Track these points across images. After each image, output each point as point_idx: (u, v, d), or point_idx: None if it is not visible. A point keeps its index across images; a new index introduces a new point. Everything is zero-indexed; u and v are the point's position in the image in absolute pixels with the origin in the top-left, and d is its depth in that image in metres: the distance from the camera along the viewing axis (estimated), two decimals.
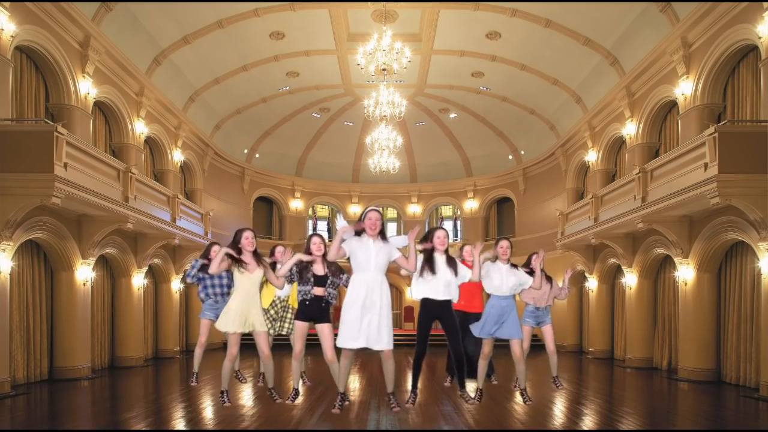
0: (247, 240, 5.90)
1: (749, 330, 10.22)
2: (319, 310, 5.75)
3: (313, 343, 5.88)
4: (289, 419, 7.07)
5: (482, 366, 6.52)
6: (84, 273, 11.62)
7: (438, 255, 5.64)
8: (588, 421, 7.26)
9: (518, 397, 7.37)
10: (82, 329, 11.51)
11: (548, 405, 8.14)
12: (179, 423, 7.22)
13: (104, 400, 9.23)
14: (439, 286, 5.55)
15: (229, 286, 6.73)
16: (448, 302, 5.61)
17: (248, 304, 5.84)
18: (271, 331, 6.66)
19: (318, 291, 5.74)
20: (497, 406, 7.92)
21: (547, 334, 7.03)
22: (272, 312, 6.72)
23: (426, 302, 5.60)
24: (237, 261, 5.83)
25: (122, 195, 11.52)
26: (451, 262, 5.64)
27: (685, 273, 11.60)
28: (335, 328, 5.53)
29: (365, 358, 13.52)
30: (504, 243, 6.35)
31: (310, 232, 24.21)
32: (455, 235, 24.56)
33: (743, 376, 10.28)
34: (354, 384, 10.41)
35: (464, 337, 6.07)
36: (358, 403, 8.22)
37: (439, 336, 5.96)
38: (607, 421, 7.13)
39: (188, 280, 6.98)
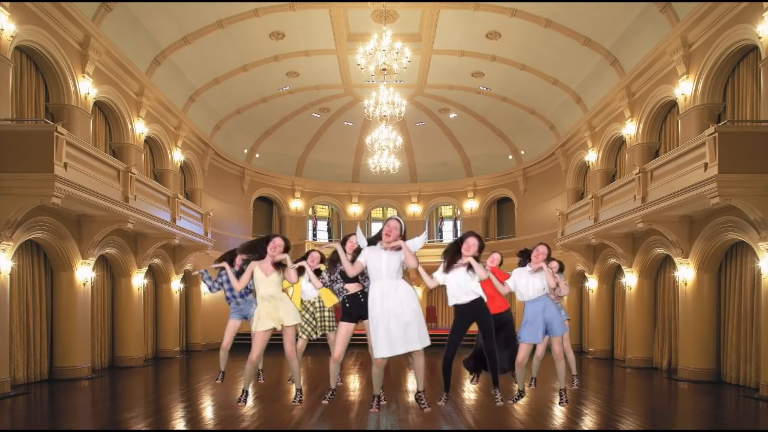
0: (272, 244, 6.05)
1: (749, 330, 10.22)
2: (360, 306, 5.78)
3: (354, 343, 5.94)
4: (289, 419, 7.07)
5: (519, 372, 6.54)
6: (84, 273, 11.62)
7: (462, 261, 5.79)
8: (588, 421, 7.26)
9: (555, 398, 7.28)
10: (82, 329, 11.51)
11: (548, 405, 8.13)
12: (179, 423, 7.21)
13: (104, 400, 9.23)
14: (455, 290, 5.70)
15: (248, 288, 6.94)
16: (472, 302, 5.71)
17: (274, 304, 5.95)
18: (314, 335, 7.01)
19: (350, 287, 5.83)
20: (497, 406, 7.91)
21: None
22: (307, 316, 7.01)
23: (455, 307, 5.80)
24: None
25: (122, 195, 11.52)
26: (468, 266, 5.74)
27: (685, 273, 11.60)
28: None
29: (365, 359, 13.52)
30: (541, 248, 6.36)
31: (310, 236, 24.27)
32: (455, 236, 24.55)
33: (743, 376, 10.28)
34: (354, 384, 10.41)
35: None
36: (358, 403, 8.22)
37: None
38: (607, 421, 7.13)
39: (213, 290, 7.29)
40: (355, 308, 5.80)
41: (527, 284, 6.29)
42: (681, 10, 11.30)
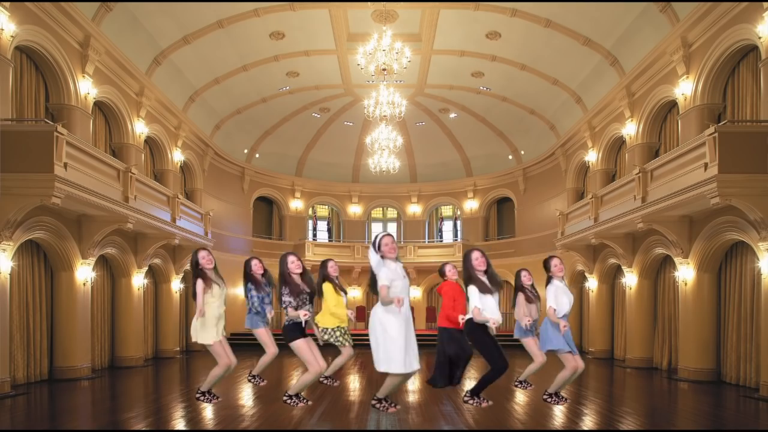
0: (204, 259, 6.21)
1: (749, 330, 10.22)
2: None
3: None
4: (289, 419, 7.06)
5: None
6: (84, 273, 11.62)
7: (480, 276, 5.91)
8: (588, 421, 7.26)
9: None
10: (82, 329, 11.51)
11: (548, 405, 8.12)
12: (179, 423, 7.22)
13: (104, 400, 9.22)
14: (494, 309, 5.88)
15: (269, 295, 6.99)
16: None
17: (217, 316, 6.19)
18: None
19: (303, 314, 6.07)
20: (497, 406, 7.91)
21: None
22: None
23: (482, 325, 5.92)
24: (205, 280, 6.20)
25: (122, 195, 11.52)
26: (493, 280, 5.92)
27: (685, 273, 11.60)
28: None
29: (365, 359, 13.51)
30: (556, 260, 6.47)
31: (310, 236, 24.19)
32: (455, 235, 24.55)
33: (743, 376, 10.28)
34: (354, 384, 10.41)
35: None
36: (358, 403, 8.22)
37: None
38: (607, 421, 7.12)
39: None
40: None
41: (567, 297, 6.41)
42: (681, 10, 11.30)
